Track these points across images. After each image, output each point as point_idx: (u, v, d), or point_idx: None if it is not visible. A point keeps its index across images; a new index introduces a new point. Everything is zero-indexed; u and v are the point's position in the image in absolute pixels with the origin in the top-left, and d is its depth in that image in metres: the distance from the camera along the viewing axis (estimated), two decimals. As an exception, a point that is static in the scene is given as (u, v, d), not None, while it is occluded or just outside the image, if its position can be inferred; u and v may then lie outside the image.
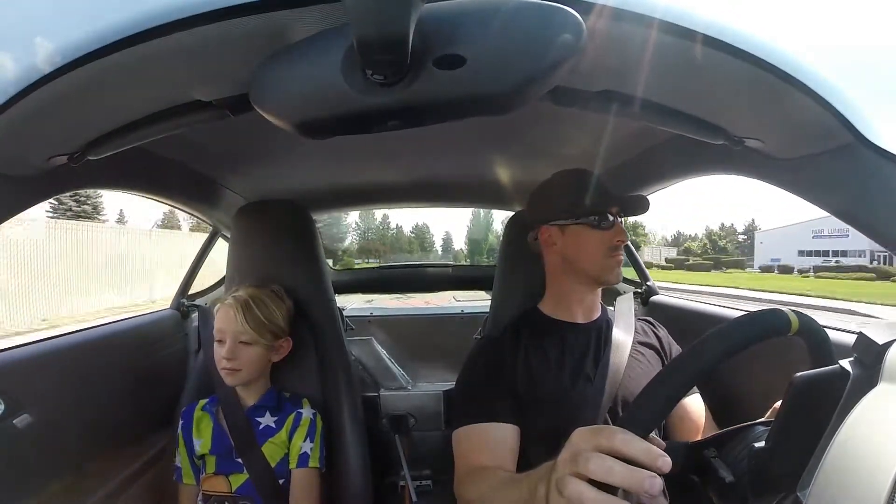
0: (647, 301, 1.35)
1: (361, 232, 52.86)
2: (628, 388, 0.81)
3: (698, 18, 0.41)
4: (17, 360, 0.80)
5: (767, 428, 0.44)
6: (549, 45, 0.36)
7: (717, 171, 0.83)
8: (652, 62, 0.44)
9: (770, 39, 0.42)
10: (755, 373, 0.88)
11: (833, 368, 0.41)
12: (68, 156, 0.57)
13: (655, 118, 0.56)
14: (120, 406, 1.01)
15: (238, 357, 0.90)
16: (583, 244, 0.88)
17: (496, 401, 0.81)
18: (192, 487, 0.94)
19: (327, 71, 0.38)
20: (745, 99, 0.50)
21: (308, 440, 0.93)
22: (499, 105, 0.39)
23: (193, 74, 0.47)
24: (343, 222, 44.70)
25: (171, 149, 0.95)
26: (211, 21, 0.39)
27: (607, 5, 0.39)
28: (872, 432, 0.34)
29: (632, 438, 0.41)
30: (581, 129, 0.96)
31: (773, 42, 0.42)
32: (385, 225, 54.90)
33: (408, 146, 1.10)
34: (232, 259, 1.11)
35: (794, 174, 0.59)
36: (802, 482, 0.38)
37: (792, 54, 0.43)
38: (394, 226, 56.56)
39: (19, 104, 0.43)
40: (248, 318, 0.91)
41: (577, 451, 0.42)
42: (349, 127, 0.42)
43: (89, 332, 1.01)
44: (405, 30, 0.33)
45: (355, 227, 51.84)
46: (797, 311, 0.46)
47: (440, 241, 63.17)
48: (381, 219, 53.07)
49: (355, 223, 51.52)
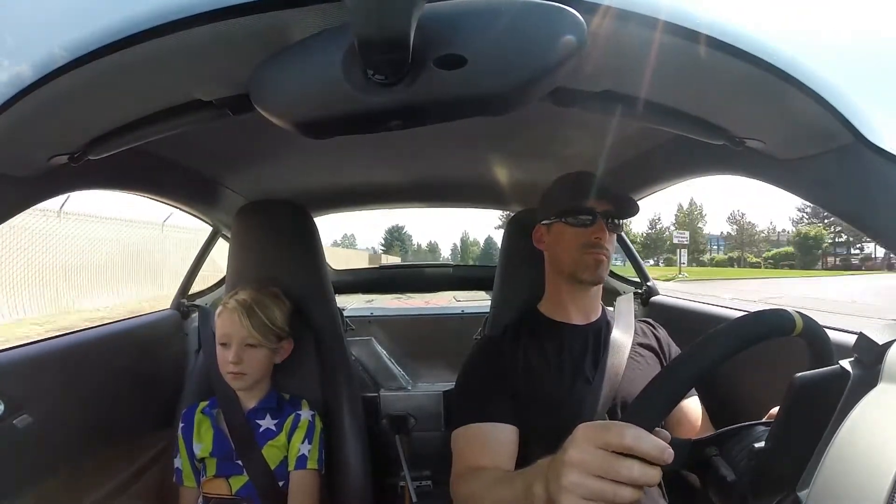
0: (648, 301, 1.35)
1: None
2: (627, 390, 0.81)
3: (699, 19, 0.41)
4: (17, 360, 0.80)
5: (768, 428, 0.44)
6: (550, 45, 0.36)
7: (717, 172, 0.83)
8: (653, 63, 0.44)
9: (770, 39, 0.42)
10: (753, 374, 0.88)
11: (833, 368, 0.41)
12: (69, 156, 0.57)
13: (656, 119, 0.56)
14: (120, 406, 1.01)
15: (244, 361, 0.90)
16: (561, 241, 0.89)
17: (495, 401, 0.81)
18: (193, 490, 0.94)
19: (328, 71, 0.38)
20: (746, 99, 0.50)
21: (306, 442, 0.93)
22: (499, 105, 0.39)
23: (193, 74, 0.47)
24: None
25: (171, 149, 0.95)
26: (211, 21, 0.39)
27: (608, 6, 0.39)
28: (872, 432, 0.34)
29: (642, 434, 0.41)
30: (582, 130, 0.96)
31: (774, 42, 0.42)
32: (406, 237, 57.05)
33: (408, 146, 1.10)
34: (232, 259, 1.11)
35: (794, 174, 0.59)
36: (802, 482, 0.38)
37: (792, 54, 0.43)
38: (415, 244, 58.92)
39: (19, 104, 0.43)
40: (253, 321, 0.91)
41: (584, 451, 0.43)
42: (350, 127, 0.42)
43: (89, 333, 1.00)
44: (406, 29, 0.33)
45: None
46: (801, 311, 0.46)
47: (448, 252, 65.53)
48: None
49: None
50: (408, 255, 65.34)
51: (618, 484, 0.41)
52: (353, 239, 78.60)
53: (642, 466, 0.41)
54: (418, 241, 76.72)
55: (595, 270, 0.86)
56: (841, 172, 0.52)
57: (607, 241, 0.86)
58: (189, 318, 1.32)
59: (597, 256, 0.85)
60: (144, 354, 1.12)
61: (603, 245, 0.86)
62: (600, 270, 0.86)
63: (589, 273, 0.86)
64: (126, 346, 1.08)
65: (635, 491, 0.42)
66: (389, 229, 71.18)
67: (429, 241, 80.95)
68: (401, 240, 70.72)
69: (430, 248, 76.63)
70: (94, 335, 1.01)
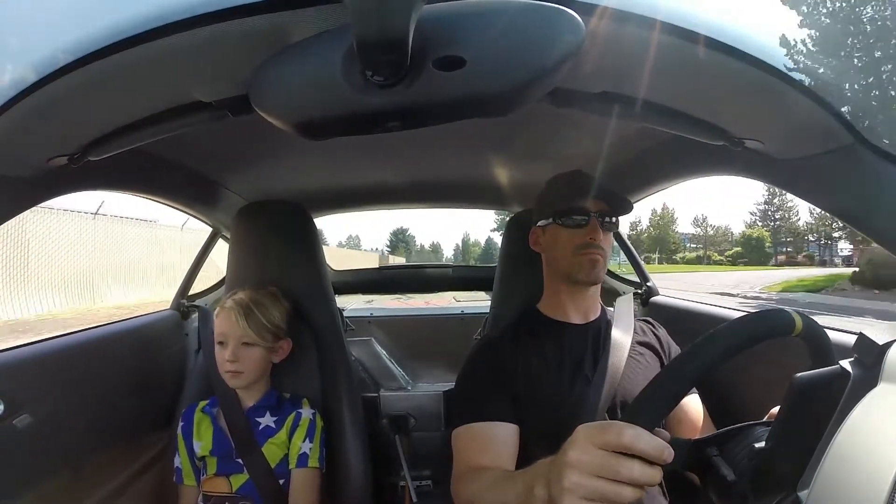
0: (647, 301, 1.35)
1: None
2: (627, 389, 0.81)
3: (698, 19, 0.41)
4: (17, 360, 0.80)
5: (768, 428, 0.44)
6: (548, 46, 0.36)
7: (717, 172, 0.83)
8: (652, 63, 0.44)
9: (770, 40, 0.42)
10: (753, 374, 0.88)
11: (833, 369, 0.42)
12: (68, 157, 0.57)
13: (655, 119, 0.56)
14: (120, 406, 1.01)
15: (241, 359, 0.91)
16: (556, 243, 0.89)
17: (495, 400, 0.81)
18: (193, 488, 0.94)
19: (327, 72, 0.38)
20: (745, 100, 0.50)
21: (307, 440, 0.93)
22: (498, 106, 0.39)
23: (193, 75, 0.47)
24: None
25: (171, 149, 0.95)
26: (211, 21, 0.39)
27: (607, 6, 0.39)
28: (873, 433, 0.34)
29: (641, 433, 0.42)
30: (581, 131, 0.96)
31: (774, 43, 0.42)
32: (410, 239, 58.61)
33: (408, 147, 1.10)
34: (232, 260, 1.11)
35: (794, 175, 0.59)
36: (802, 482, 0.38)
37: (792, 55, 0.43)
38: (418, 245, 60.52)
39: (19, 105, 0.43)
40: (250, 320, 0.92)
41: (584, 452, 0.43)
42: (349, 128, 0.42)
43: (89, 333, 1.00)
44: (405, 31, 0.33)
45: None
46: (800, 311, 0.46)
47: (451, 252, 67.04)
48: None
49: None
50: (412, 256, 66.70)
51: (618, 483, 0.41)
52: (357, 240, 79.84)
53: (642, 466, 0.41)
54: (421, 242, 78.16)
55: (591, 271, 0.86)
56: (841, 172, 0.52)
57: (602, 241, 0.86)
58: (189, 319, 1.32)
59: (592, 257, 0.85)
60: (144, 354, 1.12)
61: (598, 245, 0.85)
62: (597, 271, 0.86)
63: (585, 274, 0.86)
64: (126, 346, 1.08)
65: (636, 490, 0.42)
66: (394, 231, 72.89)
67: (431, 241, 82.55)
68: (405, 241, 71.74)
69: (433, 249, 77.88)
70: (94, 335, 1.01)
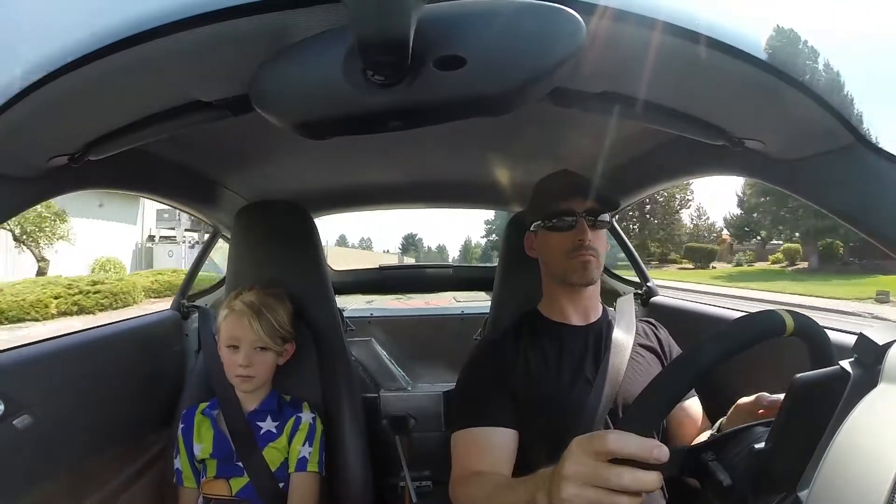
0: (648, 302, 1.34)
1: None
2: (628, 391, 0.81)
3: (699, 19, 0.41)
4: (17, 360, 0.80)
5: (767, 429, 0.44)
6: (549, 45, 0.36)
7: (717, 172, 0.82)
8: (652, 63, 0.44)
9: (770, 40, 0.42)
10: (753, 374, 0.87)
11: (833, 369, 0.41)
12: (69, 156, 0.57)
13: (655, 119, 0.56)
14: (120, 407, 1.01)
15: (254, 364, 0.90)
16: (547, 247, 0.88)
17: (495, 405, 0.80)
18: (193, 490, 0.94)
19: (328, 71, 0.38)
20: (746, 100, 0.50)
21: (307, 444, 0.93)
22: (499, 106, 0.39)
23: (193, 75, 0.47)
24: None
25: (171, 149, 0.95)
26: (211, 21, 0.39)
27: (607, 6, 0.39)
28: (873, 433, 0.34)
29: (627, 437, 0.41)
30: (581, 130, 0.96)
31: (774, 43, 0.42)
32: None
33: (408, 147, 1.10)
34: (232, 260, 1.11)
35: (794, 175, 0.59)
36: (802, 482, 0.38)
37: (792, 55, 0.43)
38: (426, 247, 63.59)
39: (20, 104, 0.43)
40: (263, 324, 0.91)
41: (578, 462, 0.43)
42: (350, 128, 0.42)
43: (89, 333, 1.00)
44: (406, 30, 0.33)
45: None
46: (793, 311, 0.46)
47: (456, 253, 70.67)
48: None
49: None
50: (420, 256, 71.04)
51: (614, 493, 0.41)
52: (369, 241, 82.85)
53: (633, 472, 0.41)
54: (428, 244, 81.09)
55: (584, 273, 0.84)
56: (841, 172, 0.52)
57: (594, 241, 0.84)
58: (189, 319, 1.32)
59: (583, 259, 0.83)
60: (145, 355, 1.12)
61: (589, 245, 0.83)
62: (590, 272, 0.84)
63: (579, 276, 0.84)
64: (126, 346, 1.08)
65: (633, 498, 0.41)
66: (406, 236, 78.05)
67: (438, 243, 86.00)
68: (414, 244, 75.83)
69: (439, 250, 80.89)
70: (94, 335, 1.01)
